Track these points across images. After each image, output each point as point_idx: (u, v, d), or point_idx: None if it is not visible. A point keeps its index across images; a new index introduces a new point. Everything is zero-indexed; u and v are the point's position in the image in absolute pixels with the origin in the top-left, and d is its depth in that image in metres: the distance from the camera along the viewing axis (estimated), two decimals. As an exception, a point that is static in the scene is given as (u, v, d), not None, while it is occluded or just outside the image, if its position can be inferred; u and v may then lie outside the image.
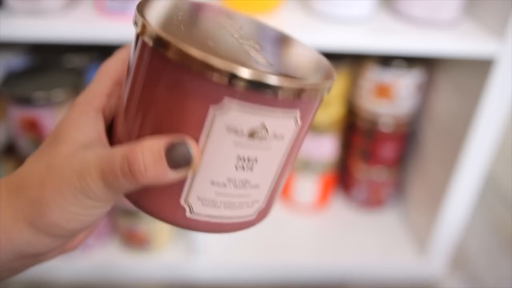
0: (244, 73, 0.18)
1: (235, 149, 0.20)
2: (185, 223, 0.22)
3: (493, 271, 0.70)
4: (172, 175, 0.20)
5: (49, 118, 0.54)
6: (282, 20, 0.53)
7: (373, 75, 0.65)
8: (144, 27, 0.20)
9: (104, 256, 0.66)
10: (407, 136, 0.72)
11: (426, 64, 0.65)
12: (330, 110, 0.66)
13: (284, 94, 0.19)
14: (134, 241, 0.65)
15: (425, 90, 0.69)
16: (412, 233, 0.72)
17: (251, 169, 0.21)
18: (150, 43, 0.20)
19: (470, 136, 0.55)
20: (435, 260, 0.68)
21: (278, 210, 0.76)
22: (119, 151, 0.20)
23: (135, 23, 0.22)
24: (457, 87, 0.60)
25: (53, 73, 0.57)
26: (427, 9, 0.53)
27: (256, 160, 0.21)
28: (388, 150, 0.70)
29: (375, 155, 0.71)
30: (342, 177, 0.78)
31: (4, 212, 0.21)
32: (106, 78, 0.25)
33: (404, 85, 0.64)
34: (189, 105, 0.20)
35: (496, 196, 0.85)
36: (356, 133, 0.71)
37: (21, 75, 0.57)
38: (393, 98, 0.65)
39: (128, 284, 0.66)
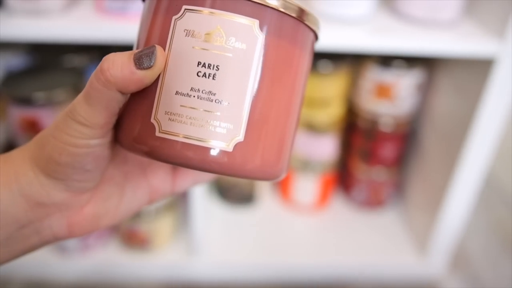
0: None
1: (194, 53, 0.21)
2: (154, 143, 0.22)
3: (493, 271, 0.70)
4: (137, 74, 0.21)
5: (49, 118, 0.54)
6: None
7: (373, 75, 0.65)
8: None
9: (104, 256, 0.66)
10: (407, 136, 0.72)
11: (426, 64, 0.65)
12: (330, 110, 0.66)
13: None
14: (134, 241, 0.65)
15: (425, 90, 0.69)
16: (412, 233, 0.72)
17: (214, 77, 0.21)
18: None
19: (470, 136, 0.55)
20: (435, 260, 0.68)
21: (278, 210, 0.76)
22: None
23: None
24: (457, 87, 0.60)
25: (53, 73, 0.57)
26: (427, 9, 0.53)
27: (217, 68, 0.21)
28: (388, 150, 0.70)
29: (375, 155, 0.71)
30: (342, 177, 0.78)
31: (17, 153, 0.24)
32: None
33: (404, 85, 0.64)
34: (160, 21, 0.22)
35: (496, 196, 0.85)
36: (356, 133, 0.71)
37: (21, 75, 0.57)
38: (393, 98, 0.65)
39: (128, 284, 0.66)
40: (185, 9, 0.21)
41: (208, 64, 0.21)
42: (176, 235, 0.69)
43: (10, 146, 0.60)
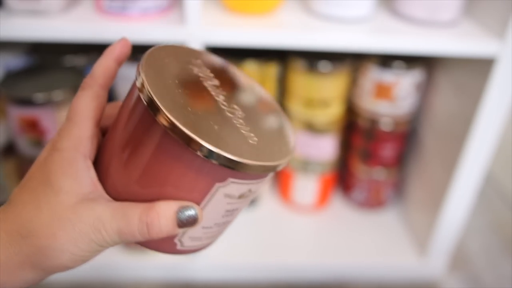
0: (245, 162, 0.23)
1: (226, 206, 0.26)
2: (174, 252, 0.27)
3: (493, 271, 0.70)
4: (179, 231, 0.24)
5: (49, 118, 0.54)
6: (282, 20, 0.53)
7: (373, 75, 0.65)
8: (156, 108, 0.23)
9: (104, 256, 0.66)
10: (407, 136, 0.72)
11: (426, 64, 0.65)
12: (330, 110, 0.66)
13: (265, 172, 0.26)
14: (134, 241, 0.65)
15: (425, 90, 0.69)
16: (412, 233, 0.72)
17: (232, 215, 0.27)
18: (163, 123, 0.23)
19: (470, 136, 0.55)
20: (435, 260, 0.68)
21: (278, 210, 0.76)
22: (135, 212, 0.24)
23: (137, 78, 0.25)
24: (457, 87, 0.60)
25: (53, 73, 0.57)
26: (427, 10, 0.53)
27: (237, 209, 0.27)
28: (388, 150, 0.70)
29: (375, 155, 0.71)
30: (342, 177, 0.78)
31: (11, 258, 0.23)
32: (85, 120, 0.25)
33: (404, 85, 0.64)
34: (197, 180, 0.24)
35: (496, 196, 0.85)
36: (356, 133, 0.71)
37: (21, 75, 0.57)
38: (393, 98, 0.65)
39: (128, 284, 0.66)
40: (231, 181, 0.24)
41: (233, 209, 0.27)
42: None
43: (10, 146, 0.60)
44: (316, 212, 0.76)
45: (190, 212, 0.24)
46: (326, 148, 0.70)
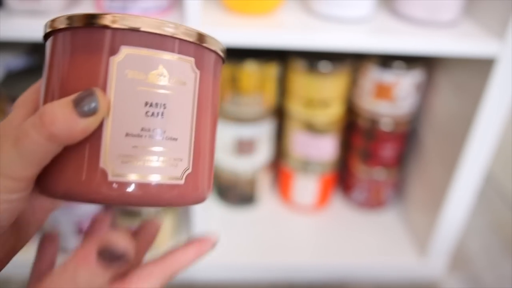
0: (137, 22, 0.21)
1: (140, 94, 0.21)
2: (109, 190, 0.21)
3: (493, 271, 0.70)
4: (82, 123, 0.20)
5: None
6: (282, 20, 0.53)
7: (373, 75, 0.65)
8: (53, 21, 0.23)
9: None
10: (407, 136, 0.72)
11: (426, 64, 0.65)
12: (330, 110, 0.66)
13: (178, 39, 0.22)
14: (134, 241, 0.65)
15: (425, 90, 0.69)
16: (412, 233, 0.72)
17: (162, 115, 0.22)
18: (59, 26, 0.22)
19: (470, 136, 0.55)
20: (435, 260, 0.68)
21: (278, 210, 0.76)
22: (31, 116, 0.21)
23: (46, 27, 0.24)
24: (457, 87, 0.60)
25: (53, 73, 0.57)
26: (427, 10, 0.53)
27: (164, 106, 0.22)
28: (388, 150, 0.70)
29: (375, 155, 0.71)
30: (342, 177, 0.78)
31: None
32: (24, 107, 0.25)
33: (404, 85, 0.64)
34: (92, 62, 0.21)
35: (496, 196, 0.85)
36: (356, 133, 0.71)
37: (21, 75, 0.57)
38: (393, 98, 0.65)
39: (128, 284, 0.66)
40: (124, 49, 0.21)
41: (156, 104, 0.22)
42: (176, 235, 0.69)
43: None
44: (316, 212, 0.76)
45: (87, 92, 0.20)
46: (326, 148, 0.70)
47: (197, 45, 0.24)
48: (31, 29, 0.48)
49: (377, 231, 0.73)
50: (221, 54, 0.26)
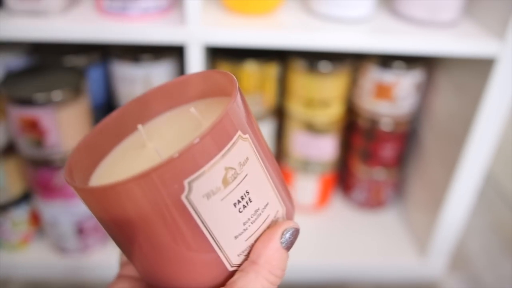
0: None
1: (226, 202, 0.21)
2: (232, 273, 0.23)
3: (493, 271, 0.70)
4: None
5: (49, 118, 0.54)
6: (282, 20, 0.53)
7: (373, 75, 0.65)
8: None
9: (104, 256, 0.66)
10: (407, 136, 0.72)
11: (426, 64, 0.65)
12: (330, 110, 0.66)
13: (210, 142, 0.20)
14: (134, 241, 0.65)
15: (425, 90, 0.69)
16: (412, 233, 0.72)
17: (250, 200, 0.22)
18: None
19: (470, 136, 0.55)
20: (435, 260, 0.68)
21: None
22: None
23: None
24: (457, 87, 0.60)
25: (53, 73, 0.57)
26: (427, 10, 0.53)
27: (247, 192, 0.22)
28: (388, 150, 0.70)
29: (375, 155, 0.71)
30: (342, 177, 0.78)
31: None
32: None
33: (404, 85, 0.64)
34: (160, 210, 0.20)
35: (496, 196, 0.85)
36: (356, 133, 0.71)
37: (21, 75, 0.57)
38: (393, 98, 0.65)
39: (128, 284, 0.66)
40: (188, 182, 0.20)
41: (241, 197, 0.22)
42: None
43: (10, 146, 0.60)
44: (316, 212, 0.76)
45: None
46: (326, 148, 0.70)
47: (220, 123, 0.21)
48: (31, 29, 0.48)
49: (377, 231, 0.73)
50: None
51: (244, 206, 0.22)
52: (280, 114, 0.71)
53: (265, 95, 0.65)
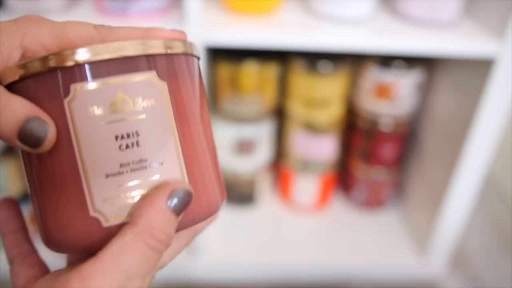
0: (80, 54, 0.19)
1: (106, 129, 0.20)
2: (106, 235, 0.20)
3: (493, 271, 0.70)
4: (18, 144, 0.19)
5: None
6: (282, 20, 0.53)
7: (373, 75, 0.65)
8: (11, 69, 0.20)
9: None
10: (407, 136, 0.72)
11: (426, 64, 0.65)
12: (330, 110, 0.66)
13: (126, 58, 0.20)
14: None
15: (425, 90, 0.69)
16: (412, 233, 0.72)
17: (137, 144, 0.20)
18: (14, 77, 0.20)
19: (470, 136, 0.55)
20: (435, 260, 0.68)
21: (278, 210, 0.76)
22: None
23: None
24: (457, 87, 0.60)
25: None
26: (427, 9, 0.53)
27: (137, 133, 0.20)
28: (388, 150, 0.70)
29: (375, 155, 0.71)
30: (342, 177, 0.78)
31: None
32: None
33: (404, 85, 0.64)
34: (54, 108, 0.20)
35: (496, 196, 0.85)
36: (356, 133, 0.71)
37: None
38: (393, 98, 0.65)
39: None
40: (75, 88, 0.19)
41: (127, 134, 0.20)
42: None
43: (10, 146, 0.60)
44: (316, 212, 0.76)
45: (38, 124, 0.19)
46: (326, 148, 0.70)
47: (151, 56, 0.21)
48: (31, 29, 0.48)
49: (377, 231, 0.73)
50: (189, 52, 0.23)
51: (127, 146, 0.20)
52: (280, 114, 0.71)
53: (265, 95, 0.65)
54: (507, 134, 0.70)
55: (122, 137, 0.20)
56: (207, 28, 0.49)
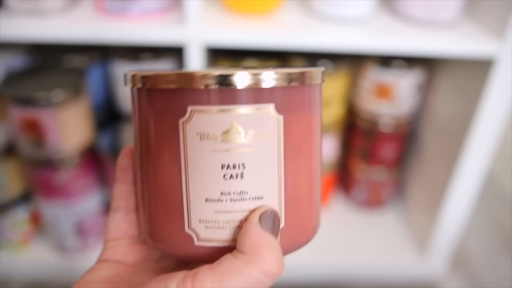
0: (200, 74, 0.19)
1: (215, 156, 0.20)
2: (196, 251, 0.21)
3: (493, 271, 0.70)
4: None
5: (49, 118, 0.54)
6: (282, 20, 0.53)
7: (373, 75, 0.65)
8: (133, 76, 0.22)
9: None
10: (407, 136, 0.72)
11: (426, 64, 0.65)
12: (330, 110, 0.66)
13: (246, 87, 0.19)
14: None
15: (425, 90, 0.69)
16: (412, 233, 0.72)
17: (241, 176, 0.20)
18: (137, 84, 0.21)
19: (470, 136, 0.55)
20: (435, 260, 0.68)
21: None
22: None
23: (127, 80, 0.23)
24: (457, 87, 0.60)
25: (53, 73, 0.57)
26: (427, 9, 0.53)
27: (243, 166, 0.20)
28: (388, 150, 0.70)
29: (375, 155, 0.71)
30: (342, 177, 0.78)
31: None
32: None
33: (404, 85, 0.64)
34: (159, 123, 0.21)
35: (496, 196, 0.85)
36: (356, 133, 0.71)
37: (21, 75, 0.57)
38: (393, 98, 0.65)
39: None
40: (192, 110, 0.19)
41: (233, 165, 0.20)
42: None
43: (10, 146, 0.60)
44: (316, 212, 0.76)
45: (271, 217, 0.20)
46: (326, 148, 0.70)
47: (273, 88, 0.20)
48: (31, 29, 0.48)
49: (377, 231, 0.73)
50: (315, 81, 0.22)
51: (231, 177, 0.20)
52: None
53: (265, 95, 0.65)
54: (507, 134, 0.70)
55: (228, 167, 0.20)
56: (207, 28, 0.49)
